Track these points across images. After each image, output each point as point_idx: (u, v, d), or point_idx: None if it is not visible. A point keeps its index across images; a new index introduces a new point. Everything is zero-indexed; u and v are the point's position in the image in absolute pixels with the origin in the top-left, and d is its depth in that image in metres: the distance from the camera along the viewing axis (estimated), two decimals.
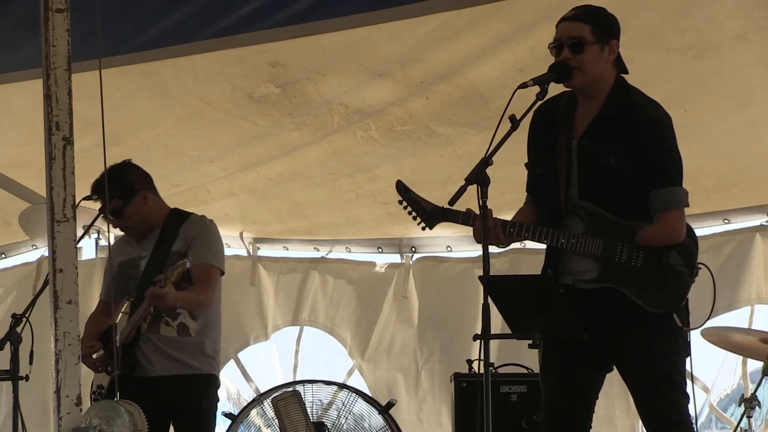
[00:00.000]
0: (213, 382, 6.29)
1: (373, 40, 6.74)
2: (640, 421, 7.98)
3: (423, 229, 5.06)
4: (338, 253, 9.05)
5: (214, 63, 6.96)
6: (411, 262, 8.87)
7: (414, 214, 5.05)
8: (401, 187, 5.08)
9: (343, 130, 7.59)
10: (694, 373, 7.88)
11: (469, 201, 4.73)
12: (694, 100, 6.89)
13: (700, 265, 4.94)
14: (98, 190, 6.11)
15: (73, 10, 4.33)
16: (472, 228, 4.96)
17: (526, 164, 5.14)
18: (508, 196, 6.92)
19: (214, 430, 6.36)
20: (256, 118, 7.48)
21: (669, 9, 6.36)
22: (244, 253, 9.00)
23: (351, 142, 7.71)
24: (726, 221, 8.04)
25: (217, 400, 6.35)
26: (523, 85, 4.77)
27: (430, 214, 5.03)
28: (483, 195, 4.66)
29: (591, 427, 5.08)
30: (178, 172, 7.68)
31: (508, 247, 8.27)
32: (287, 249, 9.08)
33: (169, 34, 6.54)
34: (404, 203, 5.08)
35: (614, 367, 5.09)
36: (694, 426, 4.99)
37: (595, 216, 4.91)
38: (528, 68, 6.40)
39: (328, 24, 6.48)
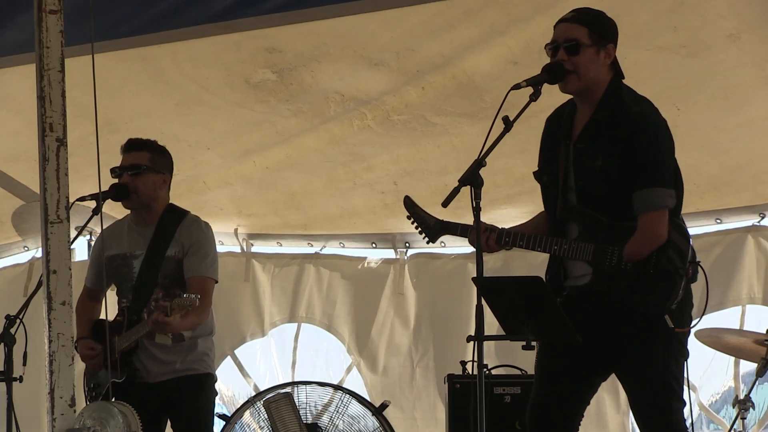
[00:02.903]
0: (209, 381, 6.30)
1: (368, 28, 6.75)
2: (631, 419, 8.06)
3: (427, 242, 5.18)
4: (332, 248, 9.04)
5: (210, 48, 6.96)
6: (405, 258, 8.86)
7: (419, 229, 5.17)
8: (408, 203, 5.20)
9: (340, 118, 7.60)
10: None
11: (463, 202, 4.74)
12: (687, 99, 6.90)
13: (694, 263, 4.92)
14: (135, 144, 6.22)
15: None
16: (467, 238, 5.01)
17: (534, 173, 5.14)
18: (502, 191, 6.94)
19: (212, 427, 6.37)
20: (253, 104, 7.49)
21: (662, 7, 6.36)
22: (237, 249, 8.99)
23: (347, 130, 7.72)
24: (718, 221, 8.04)
25: (215, 396, 6.37)
26: (517, 86, 4.78)
27: (432, 228, 5.15)
28: (476, 196, 4.69)
29: (577, 430, 5.08)
30: (174, 159, 7.70)
31: None
32: (281, 245, 9.07)
33: (164, 17, 6.54)
34: (411, 218, 5.20)
35: (607, 375, 5.09)
36: (690, 430, 4.99)
37: (589, 220, 4.91)
38: (522, 61, 6.43)
39: (324, 10, 6.48)
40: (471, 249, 8.52)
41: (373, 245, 8.96)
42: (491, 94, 6.95)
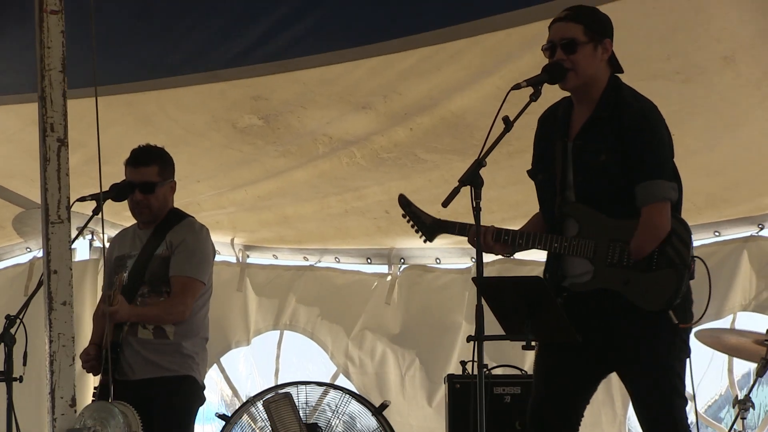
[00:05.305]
0: (188, 383, 6.19)
1: (354, 75, 6.76)
2: (626, 429, 8.06)
3: (424, 242, 5.10)
4: (327, 263, 9.04)
5: (195, 96, 7.01)
6: (399, 272, 8.84)
7: (416, 227, 5.10)
8: (403, 201, 5.12)
9: (329, 156, 7.61)
10: None
11: (464, 202, 4.74)
12: (682, 125, 6.81)
13: (694, 258, 4.88)
14: (141, 158, 6.18)
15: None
16: (467, 237, 4.98)
17: (528, 171, 5.13)
18: (497, 215, 6.95)
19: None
20: (241, 146, 7.52)
21: (655, 35, 6.32)
22: (233, 259, 9.00)
23: (337, 166, 7.73)
24: (716, 234, 8.01)
25: (197, 402, 6.26)
26: (517, 86, 4.78)
27: (429, 227, 5.07)
28: (477, 196, 4.68)
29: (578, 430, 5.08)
30: None
31: (497, 257, 8.33)
32: (276, 257, 9.07)
33: (153, 67, 6.60)
34: (406, 217, 5.12)
35: (607, 373, 5.08)
36: (692, 430, 4.97)
37: (588, 217, 4.90)
38: (512, 98, 6.40)
39: (309, 60, 6.53)
40: (466, 265, 8.63)
41: (369, 261, 8.95)
42: (482, 131, 6.92)
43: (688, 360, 4.92)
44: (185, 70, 6.66)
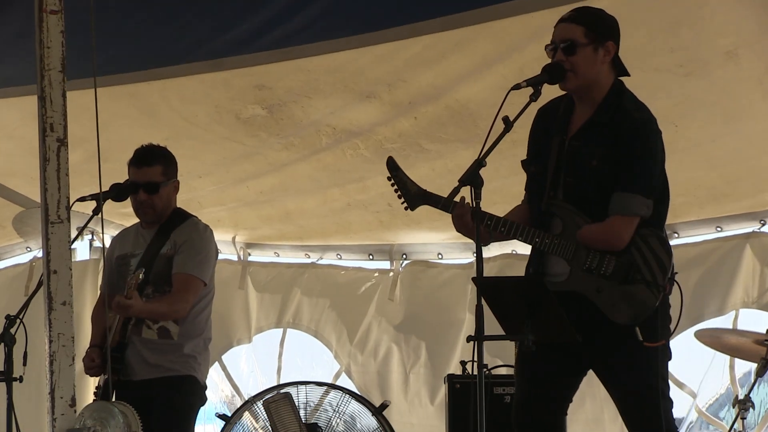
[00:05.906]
0: (188, 383, 6.22)
1: (358, 63, 6.74)
2: None
3: (405, 209, 5.05)
4: (329, 259, 9.03)
5: (199, 85, 6.99)
6: (401, 268, 8.84)
7: (399, 193, 5.05)
8: (391, 164, 5.08)
9: (332, 149, 7.60)
10: (680, 379, 7.89)
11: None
12: (684, 117, 6.84)
13: (673, 280, 4.84)
14: (145, 158, 6.20)
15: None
16: (451, 216, 4.94)
17: (522, 161, 5.12)
18: (499, 207, 6.96)
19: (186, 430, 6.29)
20: (243, 138, 7.50)
21: (657, 28, 6.32)
22: (234, 257, 9.00)
23: (340, 159, 7.72)
24: (719, 229, 8.01)
25: (198, 401, 6.28)
26: (517, 87, 4.78)
27: (413, 196, 5.03)
28: (476, 196, 4.68)
29: (564, 429, 5.08)
30: None
31: (499, 252, 8.33)
32: (278, 255, 9.07)
33: (156, 56, 6.58)
34: (391, 180, 5.07)
35: (587, 370, 5.06)
36: (679, 430, 4.96)
37: (573, 218, 4.88)
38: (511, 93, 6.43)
39: (313, 48, 6.51)
40: (468, 260, 8.62)
41: (371, 257, 8.95)
42: (486, 121, 6.89)
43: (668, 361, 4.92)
44: (189, 59, 6.65)
